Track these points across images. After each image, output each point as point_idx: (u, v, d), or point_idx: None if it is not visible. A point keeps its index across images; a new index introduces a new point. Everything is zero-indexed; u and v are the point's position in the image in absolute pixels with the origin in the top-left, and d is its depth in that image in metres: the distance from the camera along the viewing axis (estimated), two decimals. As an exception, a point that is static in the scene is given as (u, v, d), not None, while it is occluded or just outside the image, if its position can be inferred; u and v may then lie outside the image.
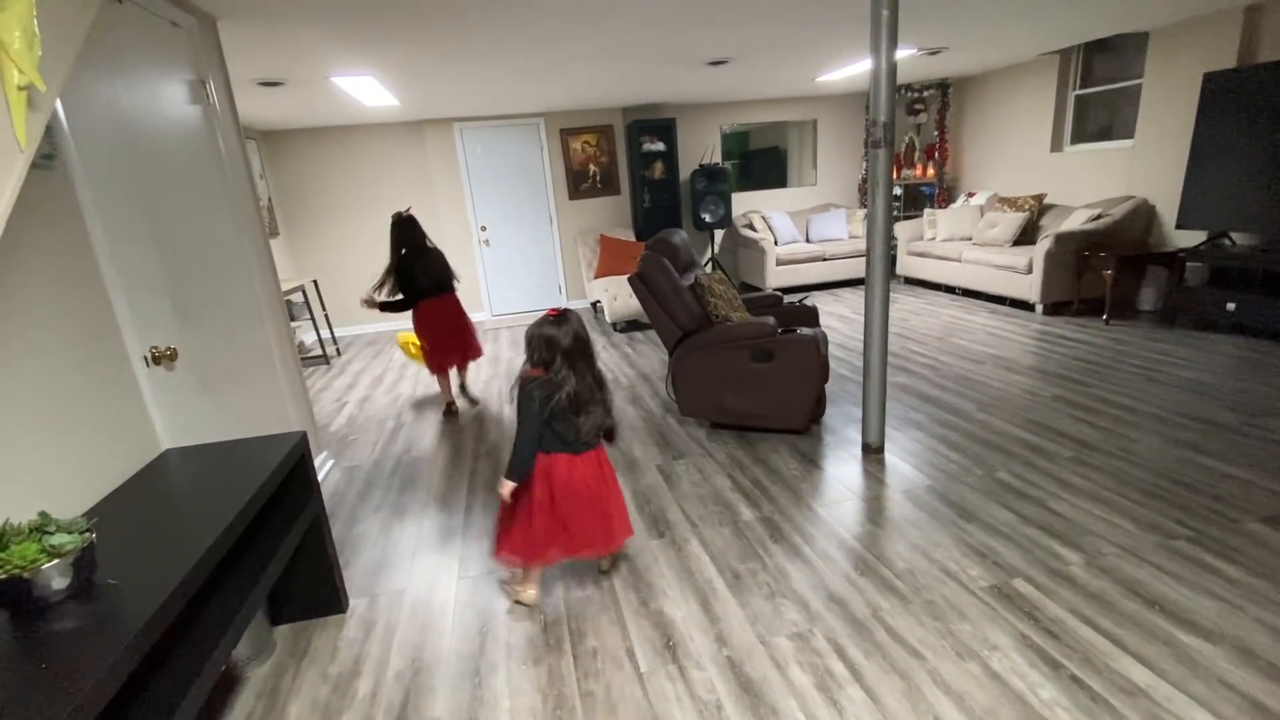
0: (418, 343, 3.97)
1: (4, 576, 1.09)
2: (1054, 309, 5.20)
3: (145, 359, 1.92)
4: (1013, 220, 5.67)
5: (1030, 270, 5.15)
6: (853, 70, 5.56)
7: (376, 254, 6.49)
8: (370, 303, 3.68)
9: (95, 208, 1.80)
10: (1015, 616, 1.85)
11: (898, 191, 7.32)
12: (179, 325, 2.14)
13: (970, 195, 6.72)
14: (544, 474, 1.98)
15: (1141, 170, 5.14)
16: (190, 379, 2.16)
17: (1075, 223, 5.17)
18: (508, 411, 3.94)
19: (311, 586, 2.09)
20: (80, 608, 1.16)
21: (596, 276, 6.56)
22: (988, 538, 2.24)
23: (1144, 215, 5.04)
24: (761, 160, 7.65)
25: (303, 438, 1.95)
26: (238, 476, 1.70)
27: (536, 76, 4.62)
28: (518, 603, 2.11)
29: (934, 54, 5.15)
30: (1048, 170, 6.10)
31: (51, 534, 1.19)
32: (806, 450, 3.05)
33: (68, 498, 1.54)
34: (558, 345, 1.89)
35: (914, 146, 7.27)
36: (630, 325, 6.15)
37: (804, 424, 3.14)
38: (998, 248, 5.65)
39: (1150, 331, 4.49)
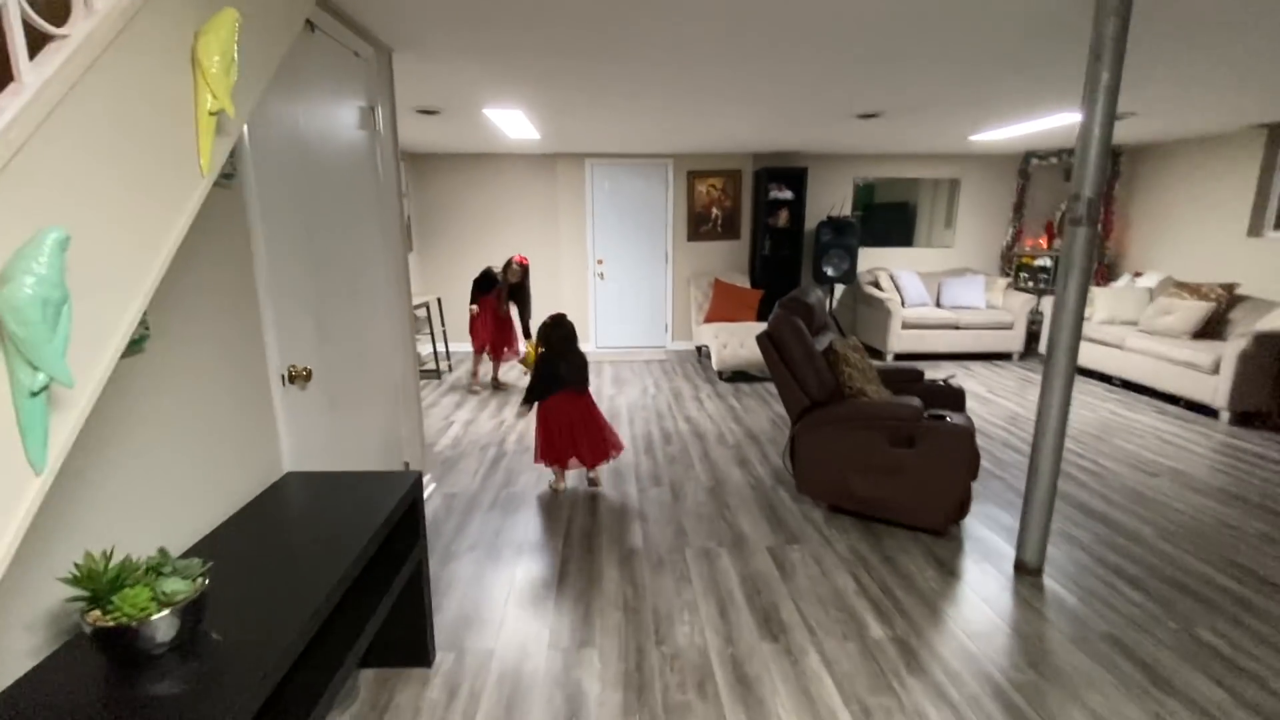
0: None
1: (111, 624, 1.02)
2: (1244, 418, 4.43)
3: (283, 377, 1.92)
4: (1194, 310, 4.94)
5: (1217, 370, 4.42)
6: (1015, 131, 5.12)
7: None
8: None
9: (261, 225, 1.83)
10: None
11: (1046, 263, 6.65)
12: (318, 344, 2.15)
13: (1137, 275, 5.98)
14: (554, 402, 3.19)
15: (1375, 268, 4.32)
16: (321, 399, 2.16)
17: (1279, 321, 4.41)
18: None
19: (400, 634, 1.98)
20: (180, 665, 1.07)
21: (706, 320, 6.38)
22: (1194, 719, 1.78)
23: (1376, 322, 4.21)
24: (886, 216, 7.22)
25: (417, 480, 1.86)
26: (354, 515, 1.61)
27: (676, 119, 4.57)
28: (553, 489, 3.32)
29: (1115, 120, 4.62)
30: (1242, 257, 5.30)
31: (167, 575, 1.12)
32: (944, 556, 2.66)
33: (195, 513, 1.50)
34: (559, 333, 3.23)
35: (1071, 216, 6.60)
36: (737, 375, 5.90)
37: (943, 525, 2.75)
38: (1173, 339, 4.92)
39: (1382, 464, 3.67)
